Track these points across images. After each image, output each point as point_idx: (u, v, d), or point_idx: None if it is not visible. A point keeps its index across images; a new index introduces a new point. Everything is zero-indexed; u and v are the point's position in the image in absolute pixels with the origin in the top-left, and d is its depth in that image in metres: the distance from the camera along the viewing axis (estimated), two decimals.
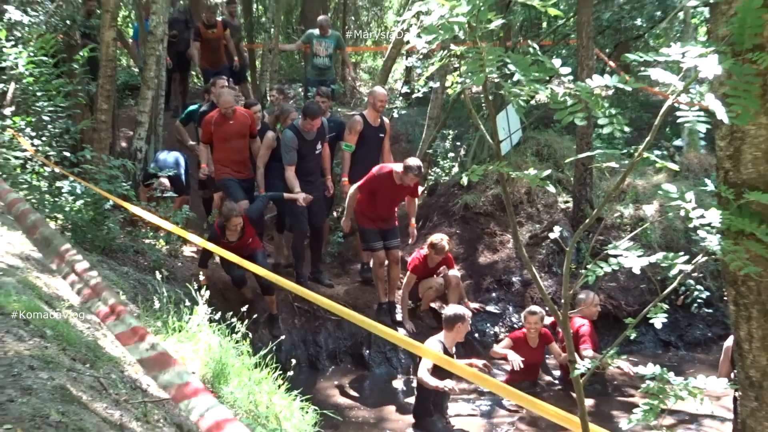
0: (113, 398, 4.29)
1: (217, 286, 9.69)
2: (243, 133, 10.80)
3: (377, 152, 11.20)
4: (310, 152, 10.61)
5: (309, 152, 10.59)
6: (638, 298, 10.74)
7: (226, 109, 10.52)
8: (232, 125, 10.62)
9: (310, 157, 10.64)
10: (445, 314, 8.71)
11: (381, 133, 11.10)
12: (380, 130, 11.08)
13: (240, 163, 10.89)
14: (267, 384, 6.66)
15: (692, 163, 12.81)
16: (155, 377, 3.42)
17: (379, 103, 10.88)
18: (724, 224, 2.98)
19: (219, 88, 11.42)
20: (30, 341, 4.35)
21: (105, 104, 10.97)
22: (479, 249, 11.90)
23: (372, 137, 10.99)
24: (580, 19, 11.34)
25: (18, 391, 3.63)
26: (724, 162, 3.08)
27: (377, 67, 24.31)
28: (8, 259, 6.07)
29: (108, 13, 10.94)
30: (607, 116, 2.69)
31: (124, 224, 9.93)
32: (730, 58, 2.70)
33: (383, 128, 11.12)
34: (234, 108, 10.60)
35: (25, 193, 8.93)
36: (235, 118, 10.64)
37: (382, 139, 11.17)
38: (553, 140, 13.38)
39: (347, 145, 10.93)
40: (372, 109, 10.94)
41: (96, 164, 9.80)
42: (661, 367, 3.32)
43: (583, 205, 11.29)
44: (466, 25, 2.81)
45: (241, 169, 10.87)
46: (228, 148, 10.71)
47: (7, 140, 9.47)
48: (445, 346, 8.35)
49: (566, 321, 3.02)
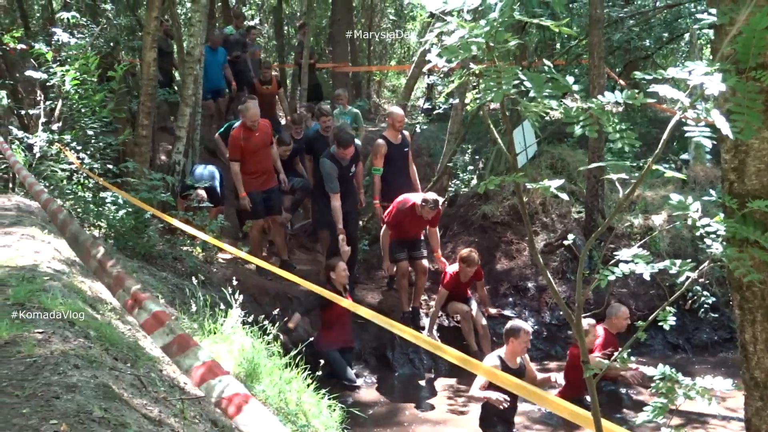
0: (152, 396, 4.30)
1: (250, 291, 9.71)
2: (267, 143, 10.86)
3: (405, 167, 11.15)
4: (346, 174, 10.66)
5: (345, 175, 10.63)
6: (648, 303, 10.69)
7: (252, 122, 10.53)
8: (258, 136, 10.64)
9: (346, 178, 10.68)
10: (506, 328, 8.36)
11: (405, 148, 11.06)
12: (403, 145, 11.04)
13: (267, 172, 10.90)
14: (297, 383, 6.67)
15: (699, 175, 12.75)
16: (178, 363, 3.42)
17: (398, 123, 10.91)
18: (729, 232, 2.97)
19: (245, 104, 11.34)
20: (75, 342, 4.37)
21: (146, 120, 11.03)
22: (497, 257, 11.89)
23: (397, 155, 10.94)
24: (591, 40, 11.32)
25: (63, 389, 3.65)
26: (729, 174, 3.07)
27: (400, 85, 24.36)
28: (55, 265, 6.10)
29: (149, 35, 11.02)
30: (618, 131, 2.68)
31: (163, 232, 9.98)
32: (734, 76, 2.68)
33: (405, 143, 11.10)
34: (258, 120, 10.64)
35: (71, 203, 9.00)
36: (259, 129, 10.67)
37: (406, 153, 11.13)
38: (566, 154, 13.35)
39: (375, 168, 10.89)
40: (392, 129, 10.94)
41: (138, 177, 9.86)
42: (670, 368, 3.31)
43: (595, 215, 11.25)
44: (485, 45, 2.81)
45: (267, 180, 10.88)
46: (257, 160, 10.72)
47: (54, 154, 9.55)
48: (503, 360, 8.00)
49: (579, 324, 3.01)
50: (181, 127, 12.08)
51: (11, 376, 3.75)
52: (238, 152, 10.59)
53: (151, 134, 11.46)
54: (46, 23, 17.82)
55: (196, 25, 12.26)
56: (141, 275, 8.01)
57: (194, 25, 12.33)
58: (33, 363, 3.91)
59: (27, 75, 10.59)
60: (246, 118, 10.58)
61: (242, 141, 10.55)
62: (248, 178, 10.68)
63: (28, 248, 6.37)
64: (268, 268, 7.88)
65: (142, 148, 11.00)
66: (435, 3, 2.98)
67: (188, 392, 4.78)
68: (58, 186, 9.16)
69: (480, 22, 2.84)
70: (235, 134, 10.66)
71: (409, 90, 15.72)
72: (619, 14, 15.30)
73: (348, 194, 10.78)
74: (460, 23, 2.88)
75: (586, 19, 13.18)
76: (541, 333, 10.80)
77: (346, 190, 10.73)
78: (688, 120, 2.68)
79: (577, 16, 15.14)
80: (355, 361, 10.19)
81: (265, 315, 7.53)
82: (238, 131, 10.66)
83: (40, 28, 17.57)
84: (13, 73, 13.51)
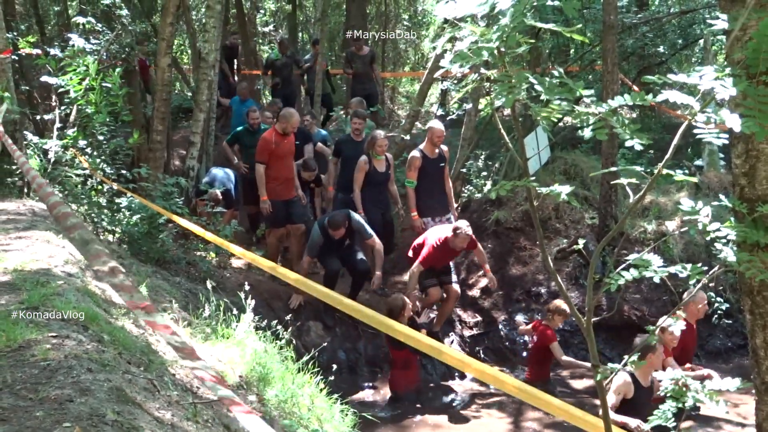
0: (165, 399, 4.32)
1: (263, 296, 9.74)
2: (293, 151, 10.90)
3: (440, 181, 11.00)
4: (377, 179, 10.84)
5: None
6: (661, 309, 10.64)
7: (293, 129, 10.61)
8: (287, 144, 10.67)
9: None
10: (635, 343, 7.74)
11: (441, 163, 10.88)
12: (440, 160, 10.86)
13: (291, 180, 10.91)
14: (309, 387, 6.68)
15: (712, 181, 12.71)
16: None
17: (437, 138, 10.65)
18: (740, 237, 2.97)
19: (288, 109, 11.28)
20: (88, 345, 4.39)
21: (160, 125, 11.09)
22: (510, 262, 11.89)
23: (433, 169, 10.78)
24: (605, 46, 11.31)
25: (77, 392, 3.67)
26: (739, 179, 3.08)
27: (414, 91, 24.39)
28: (69, 268, 6.13)
29: (164, 41, 11.09)
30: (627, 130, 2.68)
31: (177, 237, 10.01)
32: (744, 81, 2.69)
33: (443, 157, 10.90)
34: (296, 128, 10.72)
35: (86, 208, 9.04)
36: (289, 137, 10.71)
37: (442, 168, 10.96)
38: (579, 160, 13.36)
39: (409, 181, 10.73)
40: (429, 143, 10.74)
41: (152, 181, 9.90)
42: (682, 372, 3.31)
43: (609, 221, 11.22)
44: (495, 51, 2.82)
45: (288, 188, 10.85)
46: (284, 166, 10.72)
47: (69, 159, 9.60)
48: (637, 378, 7.13)
49: (590, 329, 3.00)
50: (196, 133, 12.14)
51: (25, 379, 3.77)
52: (266, 155, 10.55)
53: (165, 139, 11.52)
54: (62, 29, 17.97)
55: (211, 31, 12.35)
56: (155, 280, 8.05)
57: (209, 30, 12.41)
58: (47, 366, 3.94)
59: (42, 80, 10.64)
60: (289, 123, 10.58)
61: (273, 145, 10.54)
62: (271, 185, 10.65)
63: (42, 252, 6.40)
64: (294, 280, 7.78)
65: (157, 153, 11.07)
66: (447, 9, 2.99)
67: (201, 396, 4.79)
68: (72, 191, 9.20)
69: (491, 28, 2.86)
70: (267, 137, 10.62)
71: (423, 96, 15.75)
72: (632, 20, 15.29)
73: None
74: (471, 29, 2.89)
75: (599, 25, 13.17)
76: None
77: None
78: (699, 124, 2.68)
79: (591, 22, 15.12)
80: (367, 367, 10.20)
81: (277, 320, 7.54)
82: (270, 134, 10.63)
83: (55, 34, 17.70)
84: (29, 79, 13.60)
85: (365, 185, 10.75)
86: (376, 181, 10.82)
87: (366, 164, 10.73)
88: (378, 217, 10.86)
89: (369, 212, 10.66)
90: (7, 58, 9.34)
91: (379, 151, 10.69)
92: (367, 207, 10.69)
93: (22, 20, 17.56)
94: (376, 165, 10.75)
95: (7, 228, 7.14)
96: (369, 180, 10.73)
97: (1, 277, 5.56)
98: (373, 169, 10.74)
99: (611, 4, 11.14)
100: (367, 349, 10.35)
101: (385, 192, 11.15)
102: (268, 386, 6.10)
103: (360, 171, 10.74)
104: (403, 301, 9.04)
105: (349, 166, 11.16)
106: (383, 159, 10.84)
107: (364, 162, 10.73)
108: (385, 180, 11.00)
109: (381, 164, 10.82)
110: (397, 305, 8.95)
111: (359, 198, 10.72)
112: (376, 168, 10.75)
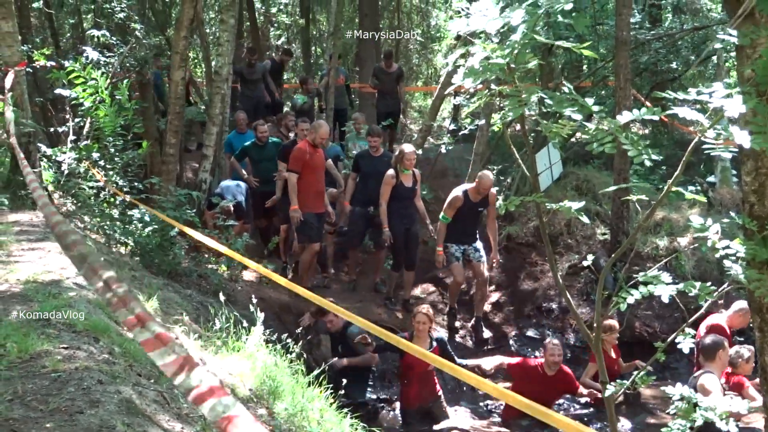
0: (175, 411, 4.33)
1: (274, 309, 9.74)
2: (324, 165, 10.90)
3: (473, 223, 10.91)
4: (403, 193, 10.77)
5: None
6: (672, 325, 10.61)
7: (321, 140, 10.60)
8: (318, 156, 10.66)
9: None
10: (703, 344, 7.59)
11: (481, 207, 10.70)
12: (481, 204, 10.66)
13: (322, 193, 10.86)
14: (319, 401, 6.67)
15: (724, 198, 12.70)
16: None
17: (483, 189, 10.36)
18: (749, 254, 2.96)
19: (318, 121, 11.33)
20: (99, 357, 4.41)
21: (173, 138, 11.13)
22: (521, 277, 11.89)
23: (470, 212, 10.68)
24: (617, 61, 11.32)
25: (87, 404, 3.68)
26: (749, 196, 3.07)
27: (426, 105, 24.44)
28: (80, 280, 6.15)
29: (177, 55, 11.14)
30: (636, 146, 2.69)
31: (189, 250, 10.03)
32: (754, 98, 2.69)
33: (485, 202, 10.67)
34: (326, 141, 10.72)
35: (98, 220, 9.08)
36: (320, 150, 10.73)
37: (480, 212, 10.82)
38: (592, 176, 13.36)
39: (444, 217, 10.63)
40: (476, 191, 10.48)
41: (164, 194, 9.93)
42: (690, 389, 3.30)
43: (620, 237, 11.19)
44: (505, 66, 2.84)
45: (319, 202, 10.78)
46: (315, 179, 10.66)
47: (82, 171, 9.64)
48: None
49: (598, 345, 3.01)
50: (209, 146, 12.17)
51: (36, 390, 3.79)
52: (300, 165, 10.47)
53: (178, 152, 11.56)
54: (77, 42, 18.07)
55: (224, 45, 12.39)
56: (166, 292, 8.06)
57: (222, 44, 12.46)
58: (57, 378, 3.95)
59: (57, 93, 10.70)
60: (317, 135, 10.56)
61: (307, 155, 10.49)
62: (302, 196, 10.53)
63: (54, 264, 6.43)
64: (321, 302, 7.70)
65: (170, 166, 11.10)
66: (460, 25, 3.01)
67: None
68: (85, 203, 9.24)
69: (503, 44, 2.87)
70: (302, 147, 10.55)
71: (435, 110, 15.77)
72: (645, 36, 15.29)
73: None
74: (483, 45, 2.91)
75: (612, 41, 13.18)
76: (565, 355, 10.78)
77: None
78: (707, 138, 2.69)
79: (604, 38, 15.13)
80: (378, 382, 10.19)
81: (288, 333, 7.54)
82: (304, 145, 10.56)
83: (70, 47, 17.80)
84: (43, 91, 13.68)
85: (391, 199, 10.68)
86: (402, 195, 10.75)
87: (393, 178, 10.66)
88: (402, 231, 10.80)
89: (393, 227, 10.65)
90: (22, 70, 9.39)
91: (408, 165, 10.60)
92: (392, 221, 10.66)
93: (37, 33, 17.65)
94: (403, 179, 10.69)
95: (20, 239, 7.17)
96: (395, 194, 10.67)
97: (14, 288, 5.59)
98: (400, 183, 10.68)
99: (624, 20, 11.16)
100: (379, 364, 10.34)
101: (412, 206, 11.00)
102: (278, 399, 6.10)
103: (387, 185, 10.66)
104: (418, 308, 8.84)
105: (367, 180, 11.18)
106: (410, 174, 10.77)
107: (391, 176, 10.67)
108: (411, 195, 10.91)
109: (408, 179, 10.75)
110: None
111: (385, 212, 10.66)
112: (403, 182, 10.68)
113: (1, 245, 6.82)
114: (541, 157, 12.24)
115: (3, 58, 9.21)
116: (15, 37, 9.31)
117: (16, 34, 9.40)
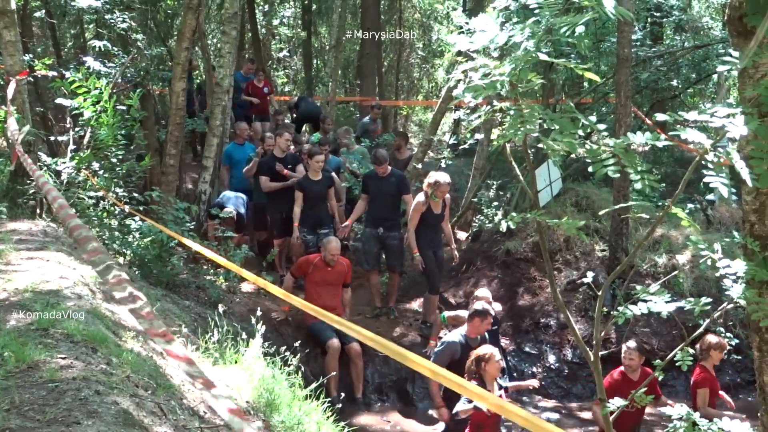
0: (172, 423, 4.32)
1: (272, 322, 9.74)
2: (340, 281, 10.29)
3: None
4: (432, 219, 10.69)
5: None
6: (670, 343, 10.61)
7: (332, 257, 9.99)
8: (331, 272, 10.10)
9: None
10: None
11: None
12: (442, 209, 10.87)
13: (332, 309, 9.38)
14: (316, 414, 6.67)
15: (724, 216, 12.71)
16: None
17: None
18: (749, 274, 2.96)
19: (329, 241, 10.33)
20: (97, 368, 4.41)
21: (173, 149, 11.15)
22: (519, 293, 11.89)
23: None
24: (618, 78, 11.36)
25: (84, 414, 3.68)
26: (749, 215, 3.08)
27: (427, 120, 24.48)
28: (79, 290, 6.15)
29: (178, 66, 11.16)
30: (639, 173, 2.70)
31: (187, 261, 10.03)
32: (756, 119, 2.70)
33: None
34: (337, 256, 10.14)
35: (97, 230, 9.07)
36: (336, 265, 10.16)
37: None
38: (591, 192, 13.35)
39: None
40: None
41: (163, 205, 9.94)
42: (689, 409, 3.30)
43: (619, 253, 11.20)
44: (508, 83, 2.85)
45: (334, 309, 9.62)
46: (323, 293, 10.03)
47: (81, 181, 9.64)
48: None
49: (597, 362, 3.01)
50: (209, 157, 12.19)
51: (33, 400, 3.78)
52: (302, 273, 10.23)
53: (178, 163, 11.57)
54: (78, 52, 18.09)
55: (226, 56, 12.43)
56: (164, 303, 8.06)
57: (224, 56, 12.49)
58: (55, 388, 3.95)
59: (58, 102, 10.71)
60: (327, 251, 10.00)
61: (311, 267, 10.08)
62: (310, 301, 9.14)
63: (53, 273, 6.42)
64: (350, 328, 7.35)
65: (170, 177, 11.11)
66: (464, 42, 3.02)
67: (208, 420, 4.80)
68: (84, 213, 9.24)
69: (505, 61, 2.88)
70: (310, 259, 10.20)
71: (436, 125, 15.79)
72: (647, 54, 15.32)
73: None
74: (485, 63, 2.92)
75: (613, 58, 13.21)
76: (562, 371, 10.79)
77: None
78: (709, 164, 2.69)
79: (605, 55, 15.16)
80: (375, 395, 10.18)
81: (286, 346, 7.54)
82: (313, 258, 10.20)
83: (72, 57, 17.82)
84: (44, 100, 13.69)
85: (419, 224, 10.58)
86: (429, 222, 10.67)
87: (423, 206, 10.54)
88: (431, 256, 10.72)
89: (421, 250, 10.55)
90: (23, 79, 9.40)
91: (440, 195, 10.48)
92: (420, 244, 10.56)
93: (39, 42, 17.69)
94: (433, 207, 10.57)
95: (18, 248, 7.16)
96: (424, 221, 10.57)
97: (12, 297, 5.58)
98: (429, 210, 10.58)
99: (625, 38, 11.19)
100: (374, 377, 10.33)
101: (439, 232, 10.98)
102: (275, 412, 6.09)
103: (416, 211, 10.55)
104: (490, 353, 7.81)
105: (376, 201, 11.17)
106: (440, 201, 10.68)
107: (421, 203, 10.54)
108: (440, 221, 10.84)
109: (438, 206, 10.63)
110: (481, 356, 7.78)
111: (414, 237, 10.55)
112: (432, 210, 10.59)
113: (0, 254, 6.81)
114: (541, 173, 12.25)
115: (5, 67, 9.23)
116: (17, 47, 9.32)
117: (18, 44, 9.42)
